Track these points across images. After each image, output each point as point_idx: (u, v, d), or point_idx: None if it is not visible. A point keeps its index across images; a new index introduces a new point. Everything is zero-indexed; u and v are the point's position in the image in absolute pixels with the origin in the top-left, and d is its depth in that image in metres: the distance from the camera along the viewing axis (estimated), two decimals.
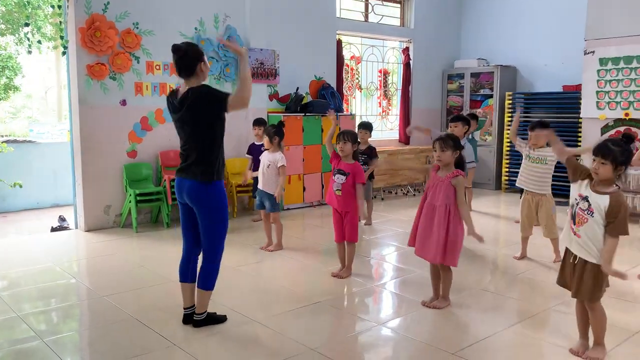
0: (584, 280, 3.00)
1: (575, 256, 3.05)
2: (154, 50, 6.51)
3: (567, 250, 3.15)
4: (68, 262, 5.21)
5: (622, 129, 6.95)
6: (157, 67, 6.57)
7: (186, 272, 3.55)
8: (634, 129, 6.92)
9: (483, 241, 3.64)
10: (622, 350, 3.19)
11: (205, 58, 3.42)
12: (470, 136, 7.13)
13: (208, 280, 3.46)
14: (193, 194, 3.36)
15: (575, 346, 3.16)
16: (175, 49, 3.30)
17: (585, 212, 2.98)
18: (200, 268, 3.48)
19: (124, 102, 6.37)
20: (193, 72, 3.32)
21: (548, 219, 4.90)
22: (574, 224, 3.04)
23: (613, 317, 3.18)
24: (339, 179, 4.46)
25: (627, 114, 6.96)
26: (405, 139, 9.72)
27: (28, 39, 6.08)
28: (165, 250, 5.46)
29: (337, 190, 4.46)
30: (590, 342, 3.14)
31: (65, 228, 6.48)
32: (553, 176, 4.99)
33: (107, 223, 6.38)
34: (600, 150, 2.94)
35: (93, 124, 6.16)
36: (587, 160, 4.67)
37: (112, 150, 6.32)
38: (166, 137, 6.49)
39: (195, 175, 3.32)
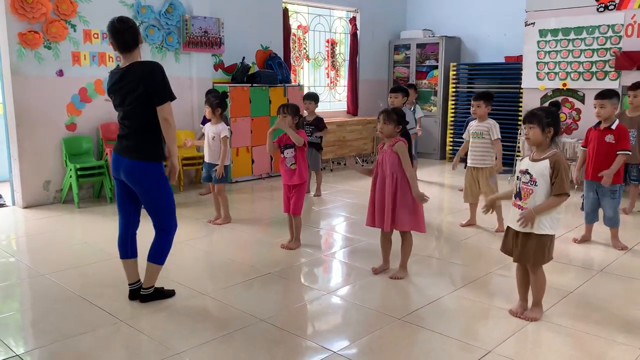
0: (528, 248, 3.13)
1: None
2: (91, 18, 6.21)
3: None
4: (6, 240, 5.01)
5: (560, 98, 7.21)
6: (96, 36, 6.29)
7: (125, 248, 3.45)
8: (570, 99, 7.20)
9: (426, 200, 3.74)
10: (557, 310, 3.37)
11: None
12: (412, 108, 7.19)
13: (160, 255, 3.40)
14: (129, 174, 3.25)
15: (514, 307, 3.32)
16: (125, 19, 3.21)
17: (529, 184, 3.11)
18: (153, 241, 3.40)
19: (60, 73, 6.08)
20: (137, 45, 3.24)
21: (488, 189, 5.06)
22: (520, 199, 3.14)
23: (549, 279, 3.34)
24: (289, 152, 4.45)
25: (564, 85, 7.21)
26: (353, 110, 9.76)
27: None
28: (109, 226, 5.32)
29: (292, 164, 4.46)
30: (529, 304, 3.30)
31: (2, 205, 6.20)
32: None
33: (47, 199, 6.15)
34: (527, 117, 3.15)
35: (28, 96, 5.87)
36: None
37: (50, 123, 6.06)
38: (106, 109, 6.24)
39: (132, 154, 3.22)
